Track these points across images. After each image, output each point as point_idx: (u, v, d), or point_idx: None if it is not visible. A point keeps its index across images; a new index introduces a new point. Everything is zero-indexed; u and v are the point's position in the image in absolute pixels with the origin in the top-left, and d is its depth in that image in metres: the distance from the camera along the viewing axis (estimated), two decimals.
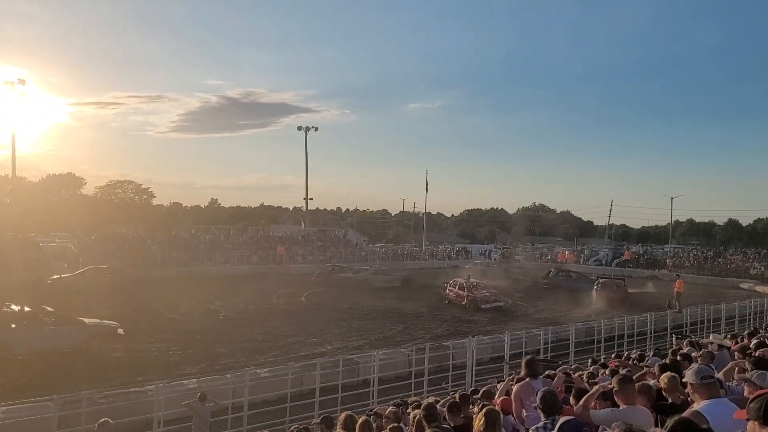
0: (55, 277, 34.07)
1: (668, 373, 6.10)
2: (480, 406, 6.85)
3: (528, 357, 6.85)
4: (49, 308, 20.34)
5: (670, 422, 3.40)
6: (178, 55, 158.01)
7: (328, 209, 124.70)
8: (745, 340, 11.36)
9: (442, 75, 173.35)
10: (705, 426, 3.44)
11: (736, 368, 6.84)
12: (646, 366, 9.39)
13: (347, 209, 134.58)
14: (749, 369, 5.76)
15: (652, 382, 6.58)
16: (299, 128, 62.89)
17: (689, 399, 5.23)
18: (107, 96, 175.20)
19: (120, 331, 20.49)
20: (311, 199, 67.68)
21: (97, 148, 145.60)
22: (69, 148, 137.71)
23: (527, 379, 7.27)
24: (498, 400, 7.55)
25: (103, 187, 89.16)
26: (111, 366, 17.93)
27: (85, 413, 10.90)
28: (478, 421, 5.36)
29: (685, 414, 4.35)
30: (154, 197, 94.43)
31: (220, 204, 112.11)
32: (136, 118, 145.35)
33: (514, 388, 6.76)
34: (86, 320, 20.37)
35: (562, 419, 4.04)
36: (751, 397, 2.95)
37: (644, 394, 5.75)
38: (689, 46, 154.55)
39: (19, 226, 43.50)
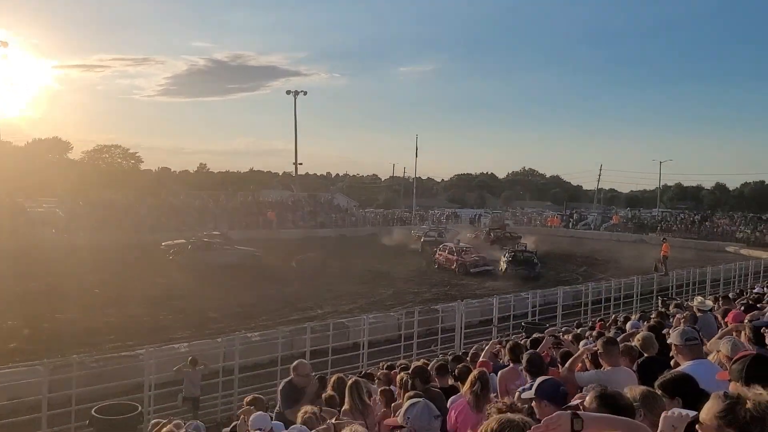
0: (169, 242, 34.19)
1: (642, 332, 6.24)
2: (463, 368, 6.92)
3: (510, 343, 6.71)
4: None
5: (665, 376, 3.45)
6: (164, 15, 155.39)
7: (318, 174, 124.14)
8: (722, 304, 11.52)
9: (433, 38, 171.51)
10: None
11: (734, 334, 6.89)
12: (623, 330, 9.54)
13: (337, 174, 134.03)
14: (748, 335, 5.83)
15: (634, 342, 6.68)
16: (288, 92, 62.54)
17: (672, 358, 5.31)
18: (92, 58, 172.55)
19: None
20: (301, 163, 67.61)
21: (84, 112, 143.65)
22: (54, 112, 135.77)
23: (511, 364, 7.16)
24: (478, 363, 7.61)
25: (90, 152, 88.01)
26: (102, 330, 17.98)
27: (76, 377, 10.93)
28: (471, 384, 5.40)
29: (670, 374, 4.41)
30: (142, 162, 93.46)
31: (209, 169, 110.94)
32: (122, 82, 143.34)
33: (500, 375, 6.75)
34: None
35: (539, 379, 4.09)
36: (734, 358, 2.98)
37: (627, 355, 5.85)
38: (681, 9, 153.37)
39: (6, 191, 43.11)
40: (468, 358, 9.25)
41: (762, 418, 1.90)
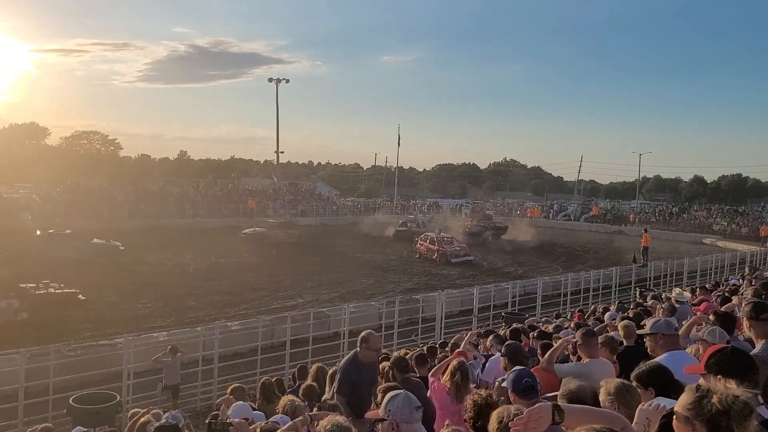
0: (249, 230, 38.74)
1: (625, 321, 6.29)
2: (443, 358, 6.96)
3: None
4: None
5: (641, 368, 3.49)
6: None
7: (300, 162, 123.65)
8: (698, 294, 11.70)
9: (416, 28, 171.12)
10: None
11: (702, 323, 7.00)
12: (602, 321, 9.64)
13: (318, 163, 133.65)
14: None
15: (613, 333, 6.75)
16: (270, 80, 61.85)
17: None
18: (70, 43, 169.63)
19: None
20: (282, 152, 67.25)
21: (62, 97, 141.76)
22: (32, 96, 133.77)
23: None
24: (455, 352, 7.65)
25: (68, 138, 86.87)
26: (79, 318, 17.79)
27: (53, 366, 10.82)
28: (451, 374, 5.41)
29: (645, 365, 4.47)
30: (122, 149, 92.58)
31: (189, 156, 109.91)
32: (101, 67, 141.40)
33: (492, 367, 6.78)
34: None
35: (512, 369, 4.13)
36: (709, 352, 3.02)
37: (607, 346, 5.89)
38: (662, 3, 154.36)
39: None
40: (448, 348, 9.30)
41: (726, 411, 1.95)
